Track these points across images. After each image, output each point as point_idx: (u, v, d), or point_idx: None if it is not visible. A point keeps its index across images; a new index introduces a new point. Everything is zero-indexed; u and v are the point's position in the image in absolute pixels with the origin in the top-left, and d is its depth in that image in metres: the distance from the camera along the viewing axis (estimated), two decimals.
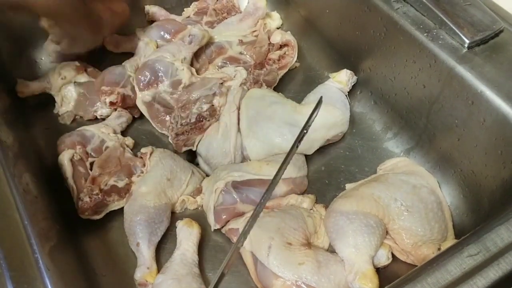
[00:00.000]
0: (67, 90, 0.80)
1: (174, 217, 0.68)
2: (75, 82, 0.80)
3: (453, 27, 0.61)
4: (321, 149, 0.74)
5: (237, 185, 0.66)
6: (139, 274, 0.60)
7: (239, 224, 0.63)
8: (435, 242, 0.60)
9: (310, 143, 0.71)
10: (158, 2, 0.96)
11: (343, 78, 0.76)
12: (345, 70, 0.77)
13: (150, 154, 0.71)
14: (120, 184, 0.68)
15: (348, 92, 0.78)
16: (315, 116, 0.51)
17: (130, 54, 0.84)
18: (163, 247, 0.65)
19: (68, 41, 0.76)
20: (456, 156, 0.64)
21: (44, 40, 0.80)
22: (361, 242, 0.58)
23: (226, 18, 0.91)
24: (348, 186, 0.69)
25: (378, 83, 0.74)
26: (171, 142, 0.75)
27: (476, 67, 0.59)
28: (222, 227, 0.65)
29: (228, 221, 0.65)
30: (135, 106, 0.79)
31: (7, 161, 0.57)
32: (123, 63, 0.81)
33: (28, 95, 0.80)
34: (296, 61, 0.85)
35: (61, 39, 0.76)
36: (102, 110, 0.79)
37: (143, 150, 0.72)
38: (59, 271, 0.50)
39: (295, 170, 0.69)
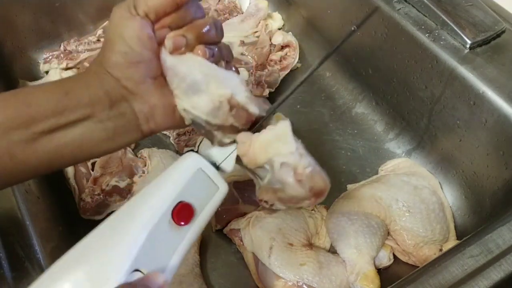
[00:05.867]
0: None
1: None
2: None
3: (455, 28, 0.61)
4: (322, 150, 0.74)
5: (238, 186, 0.66)
6: None
7: (240, 225, 0.63)
8: (436, 243, 0.60)
9: None
10: None
11: None
12: None
13: (149, 156, 0.71)
14: (122, 184, 0.68)
15: (350, 93, 0.78)
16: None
17: None
18: None
19: None
20: (458, 157, 0.64)
21: (46, 40, 0.79)
22: (363, 243, 0.58)
23: (228, 19, 0.91)
24: (350, 187, 0.69)
25: (380, 84, 0.74)
26: (172, 142, 0.75)
27: (477, 68, 0.59)
28: (224, 227, 0.65)
29: (230, 221, 0.65)
30: None
31: None
32: None
33: None
34: (297, 62, 0.85)
35: None
36: None
37: (143, 152, 0.72)
38: None
39: None
